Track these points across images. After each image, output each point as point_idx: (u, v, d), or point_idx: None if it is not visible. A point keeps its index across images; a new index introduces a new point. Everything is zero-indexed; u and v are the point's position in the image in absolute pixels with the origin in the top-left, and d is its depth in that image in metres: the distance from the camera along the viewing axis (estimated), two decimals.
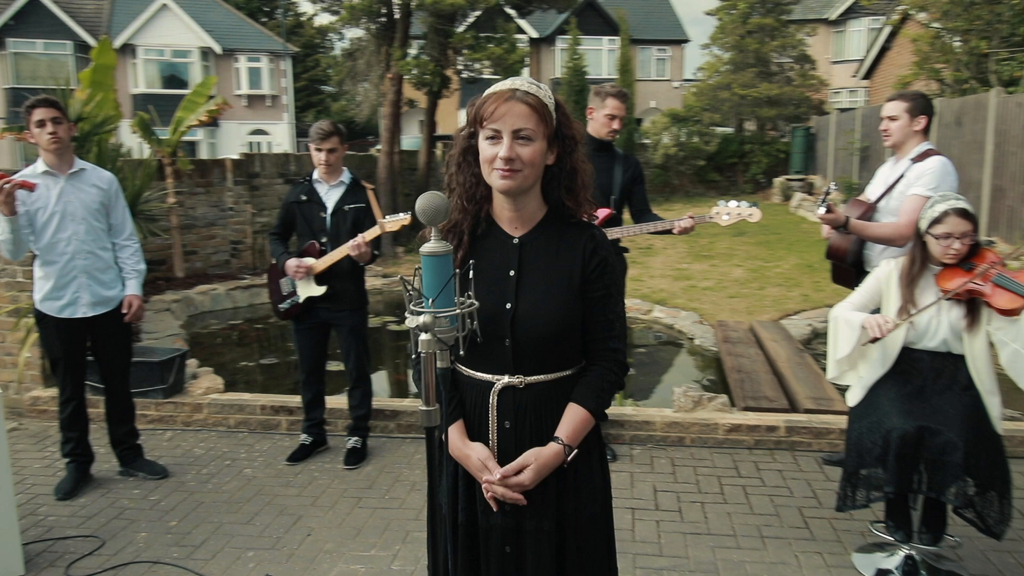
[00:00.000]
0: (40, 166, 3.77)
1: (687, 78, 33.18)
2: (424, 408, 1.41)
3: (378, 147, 12.46)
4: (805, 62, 22.82)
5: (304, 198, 4.28)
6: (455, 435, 1.87)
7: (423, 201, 1.39)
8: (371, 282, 9.02)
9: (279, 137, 30.23)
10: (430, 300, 1.33)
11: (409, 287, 1.34)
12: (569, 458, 1.80)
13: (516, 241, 1.84)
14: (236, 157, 10.42)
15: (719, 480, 4.13)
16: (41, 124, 3.68)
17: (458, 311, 1.38)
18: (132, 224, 4.06)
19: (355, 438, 4.46)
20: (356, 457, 4.37)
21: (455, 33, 11.74)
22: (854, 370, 3.19)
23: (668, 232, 4.19)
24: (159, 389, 4.95)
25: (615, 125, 4.17)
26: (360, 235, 4.08)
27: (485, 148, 1.75)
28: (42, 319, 3.85)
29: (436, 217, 1.38)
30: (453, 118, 31.56)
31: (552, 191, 1.84)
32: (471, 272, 1.71)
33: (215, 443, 4.72)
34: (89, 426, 4.13)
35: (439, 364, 1.36)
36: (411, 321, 1.31)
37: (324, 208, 4.26)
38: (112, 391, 4.12)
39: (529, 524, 1.83)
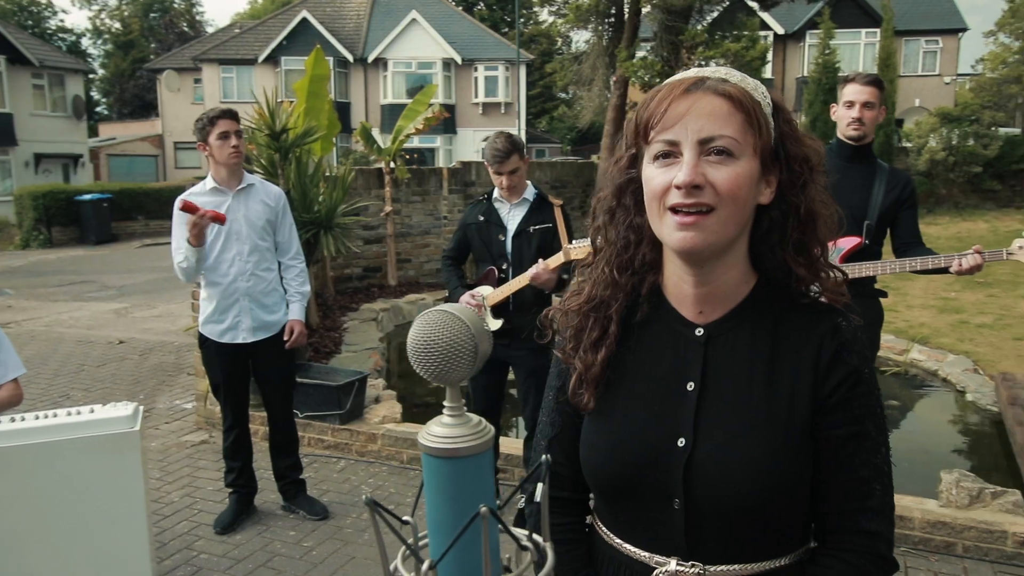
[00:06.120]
0: (209, 182, 3.56)
1: (962, 72, 29.04)
2: None
3: (598, 154, 11.84)
4: None
5: (482, 219, 3.74)
6: None
7: (421, 333, 0.65)
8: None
9: None
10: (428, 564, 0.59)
11: (388, 519, 0.61)
12: None
13: (700, 333, 1.09)
14: (454, 166, 10.33)
15: None
16: (225, 136, 3.46)
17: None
18: (299, 243, 3.77)
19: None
20: None
21: (687, 30, 10.81)
22: None
23: (943, 272, 3.13)
24: (336, 414, 4.68)
25: (854, 113, 3.17)
26: (542, 262, 3.46)
27: (651, 177, 1.02)
28: (204, 342, 3.65)
29: (452, 367, 0.63)
30: None
31: (768, 250, 1.07)
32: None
33: (384, 480, 4.34)
34: (252, 455, 3.90)
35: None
36: None
37: (504, 230, 3.68)
38: (273, 421, 3.85)
39: None
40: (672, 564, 1.06)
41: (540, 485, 0.66)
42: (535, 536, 0.68)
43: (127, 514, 2.85)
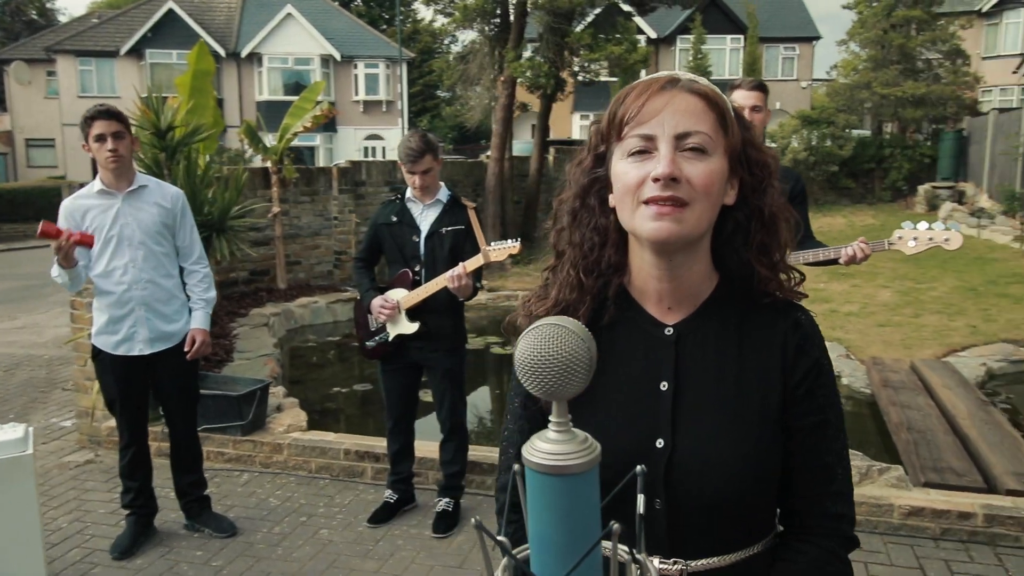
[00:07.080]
0: (97, 184, 3.33)
1: (817, 77, 31.15)
2: None
3: (488, 153, 11.90)
4: (957, 57, 20.72)
5: (395, 219, 3.68)
6: None
7: (535, 349, 0.63)
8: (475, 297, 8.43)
9: (393, 142, 30.33)
10: None
11: (498, 543, 0.59)
12: None
13: (670, 333, 1.11)
14: (343, 165, 10.09)
15: None
16: (101, 139, 3.20)
17: None
18: (201, 247, 3.57)
19: (446, 499, 3.81)
20: (447, 524, 3.72)
21: (572, 32, 11.03)
22: None
23: (832, 263, 3.36)
24: (237, 425, 4.48)
25: (745, 116, 3.34)
26: (460, 264, 3.44)
27: (625, 171, 1.03)
28: (97, 355, 3.40)
29: (568, 382, 0.61)
30: (566, 122, 30.80)
31: (733, 251, 1.11)
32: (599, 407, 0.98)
33: (293, 491, 4.19)
34: (152, 474, 3.67)
35: None
36: None
37: (418, 231, 3.64)
38: (175, 436, 3.64)
39: None
40: (655, 562, 1.07)
41: (640, 497, 0.66)
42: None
43: (21, 543, 2.64)
